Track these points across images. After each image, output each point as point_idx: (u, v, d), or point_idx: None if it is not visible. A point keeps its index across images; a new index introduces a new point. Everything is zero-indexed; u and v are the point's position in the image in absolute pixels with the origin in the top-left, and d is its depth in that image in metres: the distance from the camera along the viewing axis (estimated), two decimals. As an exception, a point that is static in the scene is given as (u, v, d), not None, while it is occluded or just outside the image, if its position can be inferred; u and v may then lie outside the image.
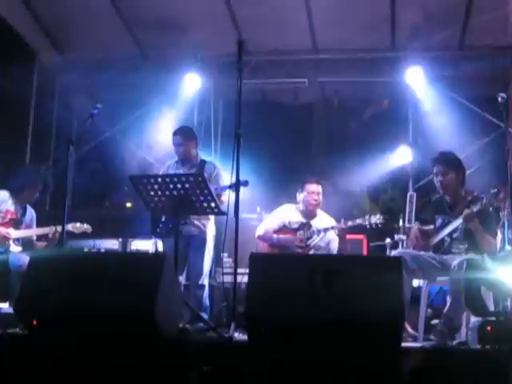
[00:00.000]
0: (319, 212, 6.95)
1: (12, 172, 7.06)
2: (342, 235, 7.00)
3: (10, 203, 6.73)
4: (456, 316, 4.97)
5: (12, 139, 8.92)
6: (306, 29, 8.58)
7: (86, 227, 6.95)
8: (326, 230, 6.77)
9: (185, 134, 6.71)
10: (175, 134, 6.74)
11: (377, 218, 6.63)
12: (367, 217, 6.65)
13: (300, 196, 6.93)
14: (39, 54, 9.17)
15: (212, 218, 6.54)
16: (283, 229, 6.89)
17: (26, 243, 6.73)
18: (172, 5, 8.29)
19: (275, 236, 6.87)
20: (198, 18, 8.44)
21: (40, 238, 6.85)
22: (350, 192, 8.95)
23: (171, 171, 6.58)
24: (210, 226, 6.53)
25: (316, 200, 6.86)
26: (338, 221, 6.83)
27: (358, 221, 6.68)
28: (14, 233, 6.62)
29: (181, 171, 6.49)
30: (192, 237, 6.40)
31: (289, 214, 6.96)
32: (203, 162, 6.66)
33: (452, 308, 4.99)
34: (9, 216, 6.67)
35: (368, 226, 6.66)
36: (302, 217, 6.91)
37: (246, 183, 5.66)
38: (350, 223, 6.72)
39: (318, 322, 3.76)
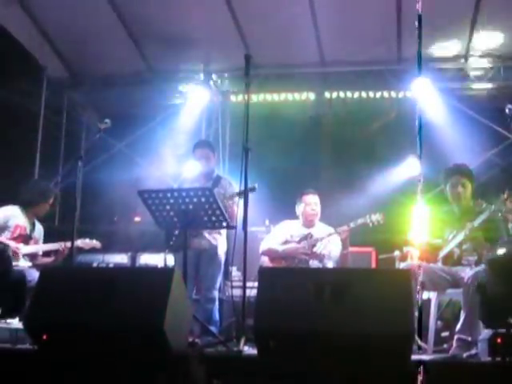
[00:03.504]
0: (317, 222, 6.95)
1: (21, 186, 7.08)
2: (344, 241, 6.93)
3: (20, 218, 6.74)
4: (470, 331, 4.92)
5: (21, 154, 8.96)
6: (313, 42, 8.60)
7: (96, 243, 6.96)
8: (329, 235, 6.76)
9: (205, 148, 6.76)
10: (196, 147, 6.77)
11: (377, 216, 6.64)
12: (368, 216, 6.65)
13: (299, 208, 6.95)
14: (47, 69, 9.22)
15: (224, 233, 6.56)
16: (286, 243, 6.87)
17: (32, 259, 6.74)
18: (179, 19, 8.32)
19: (280, 248, 6.85)
20: (206, 33, 8.47)
21: (48, 253, 6.85)
22: (359, 204, 8.88)
23: (187, 185, 6.54)
24: (221, 241, 6.54)
25: (314, 210, 6.88)
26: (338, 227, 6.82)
27: (360, 220, 6.66)
28: (24, 248, 6.63)
29: (197, 185, 6.46)
30: (203, 251, 6.41)
31: (290, 228, 6.96)
32: (219, 178, 6.69)
33: (466, 323, 4.97)
34: (18, 231, 6.69)
35: (370, 225, 6.64)
36: (303, 228, 6.92)
37: (253, 189, 5.69)
38: (351, 224, 6.69)
39: (327, 335, 3.75)
